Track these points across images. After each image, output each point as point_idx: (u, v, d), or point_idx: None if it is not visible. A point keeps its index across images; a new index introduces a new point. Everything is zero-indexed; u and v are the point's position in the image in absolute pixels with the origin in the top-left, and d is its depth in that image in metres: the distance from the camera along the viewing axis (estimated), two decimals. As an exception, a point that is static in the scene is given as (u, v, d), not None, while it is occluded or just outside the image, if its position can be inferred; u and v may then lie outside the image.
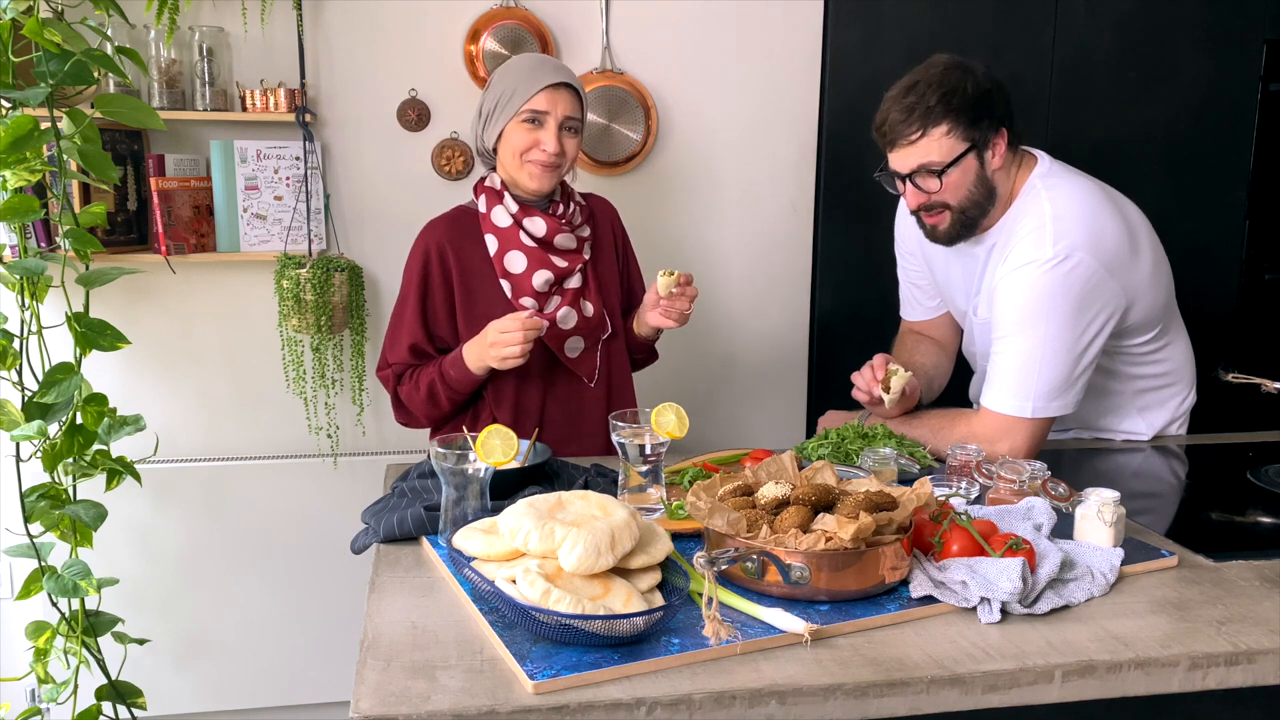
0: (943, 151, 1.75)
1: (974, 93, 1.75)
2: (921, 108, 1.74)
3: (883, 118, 1.79)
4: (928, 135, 1.74)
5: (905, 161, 1.78)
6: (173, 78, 2.39)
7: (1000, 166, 1.81)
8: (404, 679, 1.07)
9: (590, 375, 2.03)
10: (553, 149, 1.88)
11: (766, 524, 1.25)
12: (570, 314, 1.97)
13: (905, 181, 1.81)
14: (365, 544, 1.50)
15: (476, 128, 1.97)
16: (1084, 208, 1.78)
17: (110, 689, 2.16)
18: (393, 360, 1.98)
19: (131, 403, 2.48)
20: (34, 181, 1.90)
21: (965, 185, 1.79)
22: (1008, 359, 1.78)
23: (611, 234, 2.10)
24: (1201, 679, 1.17)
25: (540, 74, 1.88)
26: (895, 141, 1.78)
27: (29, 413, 1.92)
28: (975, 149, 1.77)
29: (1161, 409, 2.02)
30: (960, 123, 1.74)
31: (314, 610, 2.67)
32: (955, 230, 1.84)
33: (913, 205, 1.84)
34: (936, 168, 1.76)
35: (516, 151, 1.90)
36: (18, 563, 2.39)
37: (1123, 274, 1.78)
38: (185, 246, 2.43)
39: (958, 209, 1.81)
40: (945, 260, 2.01)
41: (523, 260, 1.94)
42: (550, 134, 1.88)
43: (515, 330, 1.79)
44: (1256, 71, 2.89)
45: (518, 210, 1.95)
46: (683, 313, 1.92)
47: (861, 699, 1.08)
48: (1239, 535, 1.62)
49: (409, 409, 1.98)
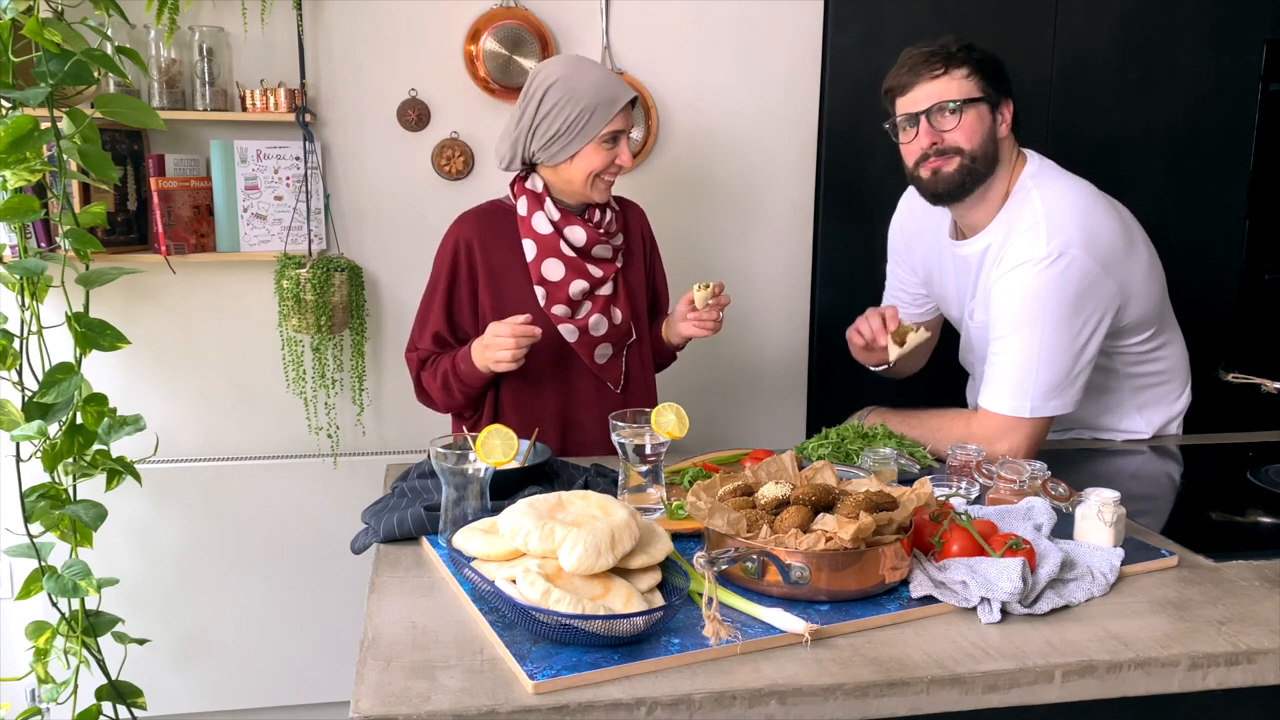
0: (963, 90, 1.78)
1: (991, 55, 1.81)
2: (944, 53, 1.78)
3: (899, 68, 1.82)
4: (950, 74, 1.77)
5: (922, 100, 1.79)
6: (173, 78, 2.39)
7: (1006, 137, 1.82)
8: (404, 679, 1.07)
9: (616, 381, 2.04)
10: (629, 164, 1.90)
11: (766, 524, 1.25)
12: (601, 321, 1.97)
13: (917, 124, 1.80)
14: (365, 544, 1.50)
15: (527, 141, 1.89)
16: (1077, 206, 1.78)
17: (110, 689, 2.16)
18: (419, 345, 2.00)
19: (131, 403, 2.48)
20: (34, 181, 1.90)
21: (980, 131, 1.79)
22: (1005, 359, 1.78)
23: (641, 239, 2.11)
24: (1201, 679, 1.17)
25: (618, 93, 1.86)
26: (913, 83, 1.79)
27: (29, 413, 1.92)
28: (990, 103, 1.80)
29: (1159, 407, 2.02)
30: (979, 72, 1.79)
31: (314, 610, 2.67)
32: (959, 178, 1.80)
33: (925, 144, 1.81)
34: (957, 100, 1.77)
35: (591, 173, 1.88)
36: (18, 563, 2.38)
37: (1118, 271, 1.78)
38: (185, 246, 2.43)
39: (969, 154, 1.79)
40: (939, 266, 2.01)
41: (560, 269, 1.94)
42: (625, 150, 1.89)
43: (505, 336, 1.80)
44: (1256, 71, 2.89)
45: (559, 218, 1.94)
46: (716, 322, 1.95)
47: (861, 699, 1.08)
48: (1239, 535, 1.62)
49: (428, 394, 2.01)
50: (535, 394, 1.99)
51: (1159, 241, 1.93)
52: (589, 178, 1.89)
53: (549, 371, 1.97)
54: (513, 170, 1.97)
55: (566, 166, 1.89)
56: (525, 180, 1.97)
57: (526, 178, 1.97)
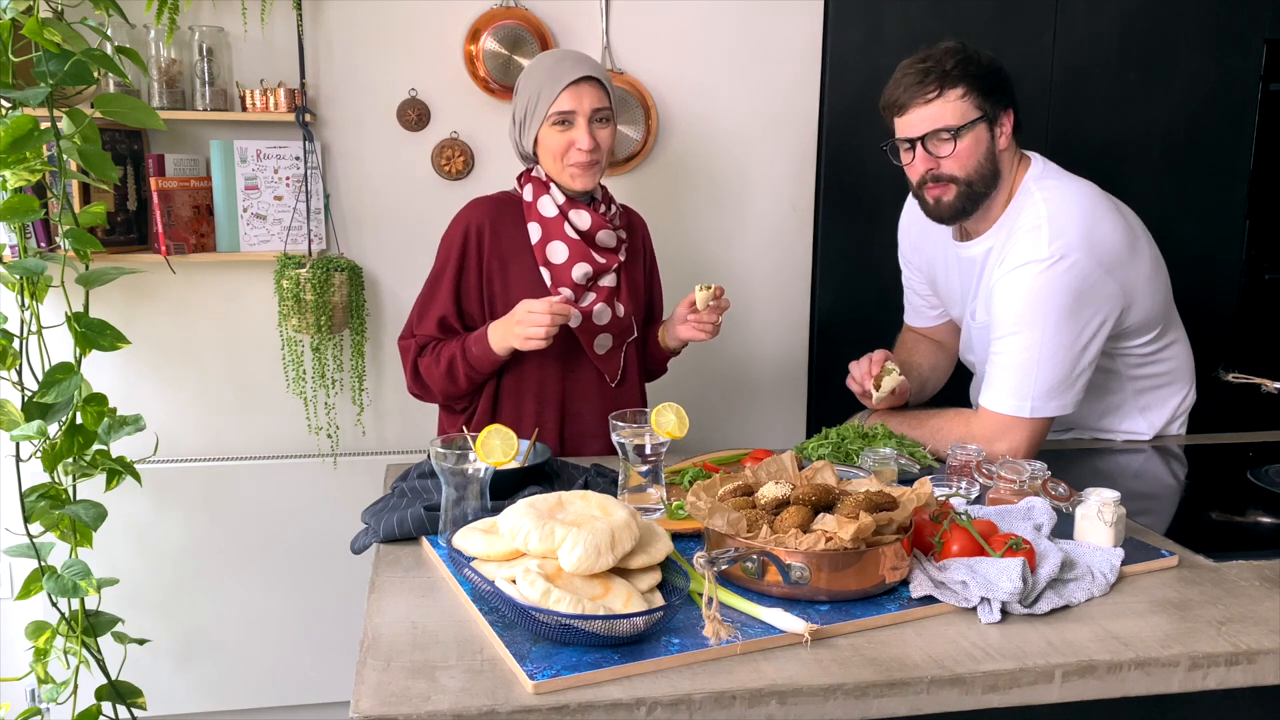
0: (958, 114, 1.76)
1: (988, 65, 1.78)
2: (938, 70, 1.75)
3: (895, 84, 1.80)
4: (944, 96, 1.75)
5: (918, 124, 1.78)
6: (173, 78, 2.39)
7: (1006, 149, 1.81)
8: (404, 679, 1.07)
9: (614, 375, 2.04)
10: (587, 146, 1.89)
11: (766, 524, 1.25)
12: (605, 310, 1.98)
13: (914, 148, 1.80)
14: (365, 544, 1.50)
15: (513, 134, 1.98)
16: (1080, 208, 1.78)
17: (110, 689, 2.16)
18: (418, 331, 1.99)
19: (131, 403, 2.48)
20: (34, 181, 1.90)
21: (975, 155, 1.78)
22: (1006, 359, 1.78)
23: (643, 248, 2.13)
24: (1201, 679, 1.17)
25: (560, 72, 1.88)
26: (909, 104, 1.77)
27: (29, 413, 1.92)
28: (987, 120, 1.78)
29: (1162, 408, 2.02)
30: (975, 89, 1.76)
31: (314, 610, 2.67)
32: (959, 204, 1.82)
33: (921, 170, 1.81)
34: (952, 128, 1.75)
35: (555, 155, 1.91)
36: (18, 563, 2.38)
37: (1121, 273, 1.78)
38: (185, 246, 2.43)
39: (964, 181, 1.79)
40: (945, 266, 2.01)
41: (565, 251, 1.95)
42: (582, 132, 1.89)
43: (543, 312, 1.80)
44: (1256, 71, 2.89)
45: (564, 202, 1.96)
46: (715, 325, 1.95)
47: (861, 699, 1.08)
48: (1239, 535, 1.62)
49: (425, 382, 1.99)
50: (535, 382, 1.99)
51: (1159, 241, 1.93)
52: (557, 161, 1.91)
53: (551, 360, 1.97)
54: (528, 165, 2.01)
55: (542, 155, 1.94)
56: (531, 170, 2.00)
57: (533, 169, 2.00)
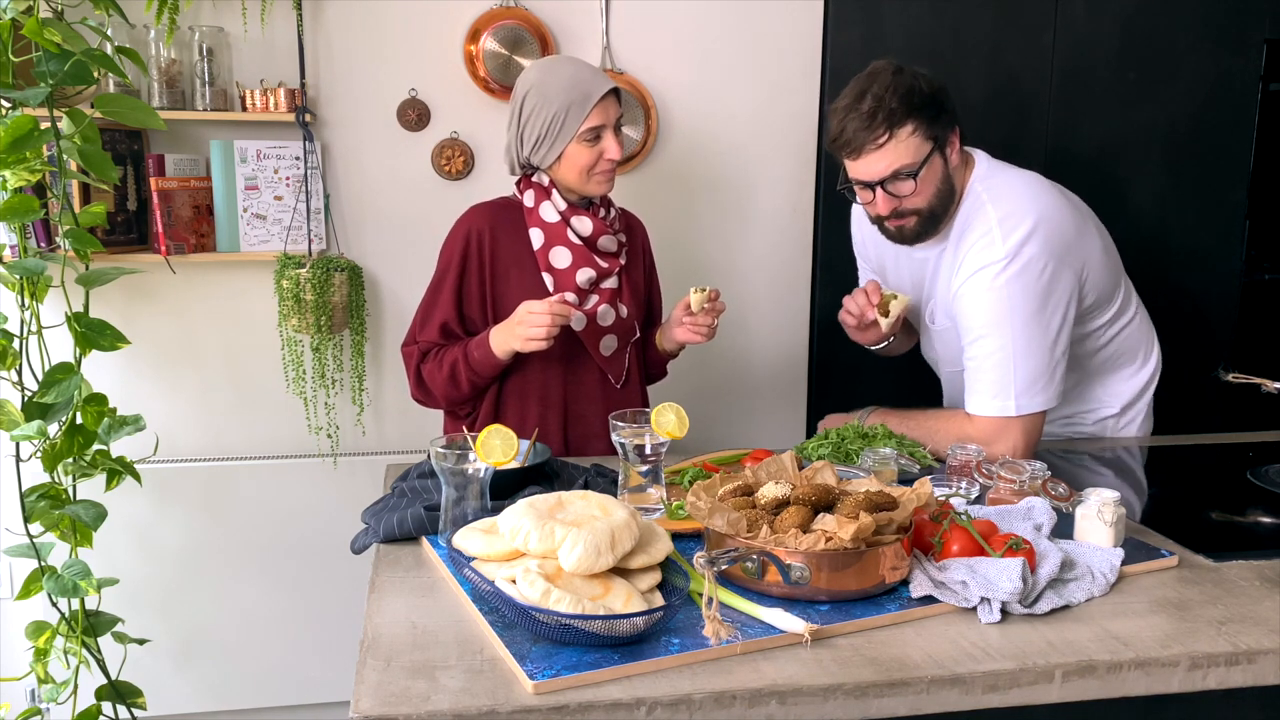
0: (912, 153, 1.73)
1: (929, 90, 1.74)
2: (884, 111, 1.70)
3: (839, 129, 1.74)
4: (894, 137, 1.71)
5: (873, 168, 1.74)
6: (173, 78, 2.39)
7: (958, 165, 1.81)
8: (404, 679, 1.07)
9: (618, 376, 2.05)
10: (618, 155, 1.90)
11: (766, 524, 1.25)
12: (609, 311, 1.99)
13: (873, 190, 1.77)
14: (365, 544, 1.50)
15: (518, 148, 1.94)
16: (1026, 200, 1.78)
17: (110, 689, 2.16)
18: (421, 338, 1.99)
19: (131, 403, 2.48)
20: (34, 181, 1.90)
21: (933, 184, 1.77)
22: (982, 362, 1.78)
23: (642, 252, 2.13)
24: (1201, 679, 1.17)
25: (590, 89, 1.87)
26: (861, 148, 1.73)
27: (29, 413, 1.92)
28: (938, 147, 1.76)
29: (1128, 382, 2.03)
30: (923, 120, 1.72)
31: (314, 610, 2.67)
32: (920, 229, 1.82)
33: (884, 211, 1.79)
34: (910, 169, 1.73)
35: (583, 168, 1.90)
36: (18, 563, 2.39)
37: (1074, 258, 1.79)
38: (185, 246, 2.43)
39: (927, 211, 1.79)
40: (895, 261, 2.01)
41: (568, 256, 1.95)
42: (611, 142, 1.90)
43: (543, 312, 1.80)
44: (1256, 71, 2.89)
45: (565, 208, 1.96)
46: (711, 328, 1.96)
47: (861, 699, 1.08)
48: (1239, 535, 1.62)
49: (428, 387, 1.99)
50: (538, 385, 1.99)
51: (1159, 241, 1.94)
52: (581, 174, 1.91)
53: (554, 362, 1.97)
54: (524, 173, 2.00)
55: (558, 167, 1.92)
56: (531, 176, 1.99)
57: (532, 175, 1.99)
